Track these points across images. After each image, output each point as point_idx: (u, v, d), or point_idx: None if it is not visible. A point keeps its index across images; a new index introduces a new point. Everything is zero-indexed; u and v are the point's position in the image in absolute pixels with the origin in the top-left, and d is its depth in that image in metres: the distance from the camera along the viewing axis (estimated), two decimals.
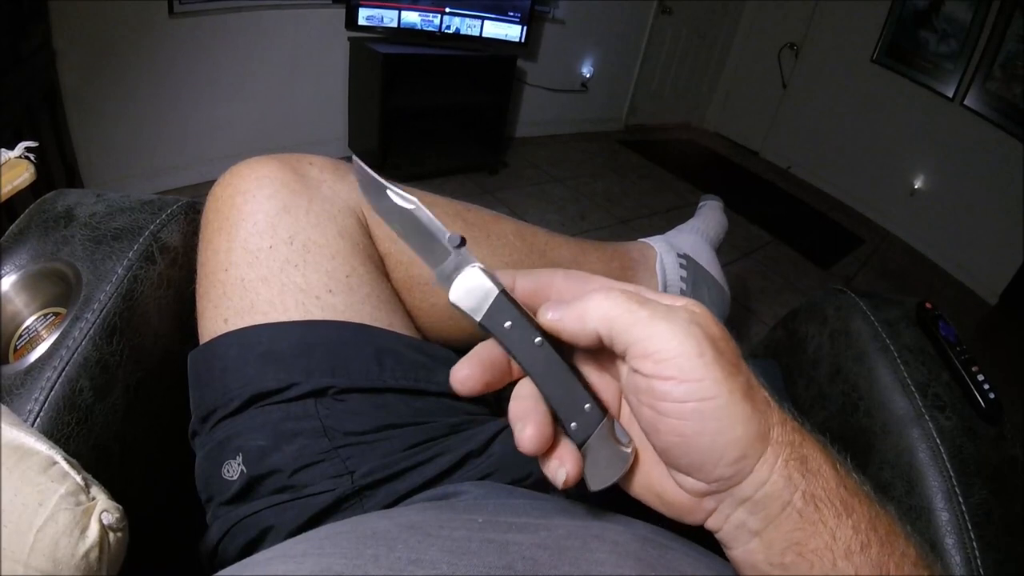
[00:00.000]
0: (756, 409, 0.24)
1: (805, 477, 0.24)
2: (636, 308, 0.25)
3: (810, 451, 0.25)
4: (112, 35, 1.70)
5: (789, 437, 0.25)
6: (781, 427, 0.25)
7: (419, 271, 0.53)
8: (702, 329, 0.25)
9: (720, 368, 0.24)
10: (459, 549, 0.27)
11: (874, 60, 2.99)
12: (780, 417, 0.25)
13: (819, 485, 0.24)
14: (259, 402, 0.42)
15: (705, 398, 0.24)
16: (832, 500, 0.24)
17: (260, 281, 0.43)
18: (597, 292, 0.26)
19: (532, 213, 2.35)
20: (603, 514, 0.34)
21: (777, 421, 0.25)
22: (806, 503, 0.24)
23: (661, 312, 0.25)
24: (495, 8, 2.41)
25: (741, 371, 0.25)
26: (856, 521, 0.24)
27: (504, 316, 0.27)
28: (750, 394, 0.25)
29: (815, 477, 0.24)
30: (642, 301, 0.26)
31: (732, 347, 0.26)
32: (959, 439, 0.53)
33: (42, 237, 0.48)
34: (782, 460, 0.24)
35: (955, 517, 0.49)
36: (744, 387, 0.25)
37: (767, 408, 0.25)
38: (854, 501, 0.24)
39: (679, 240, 0.83)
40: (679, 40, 3.56)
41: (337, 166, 0.51)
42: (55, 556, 0.25)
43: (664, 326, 0.24)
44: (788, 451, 0.25)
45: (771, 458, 0.24)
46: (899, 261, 2.78)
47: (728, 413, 0.24)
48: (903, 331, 0.61)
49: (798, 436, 0.25)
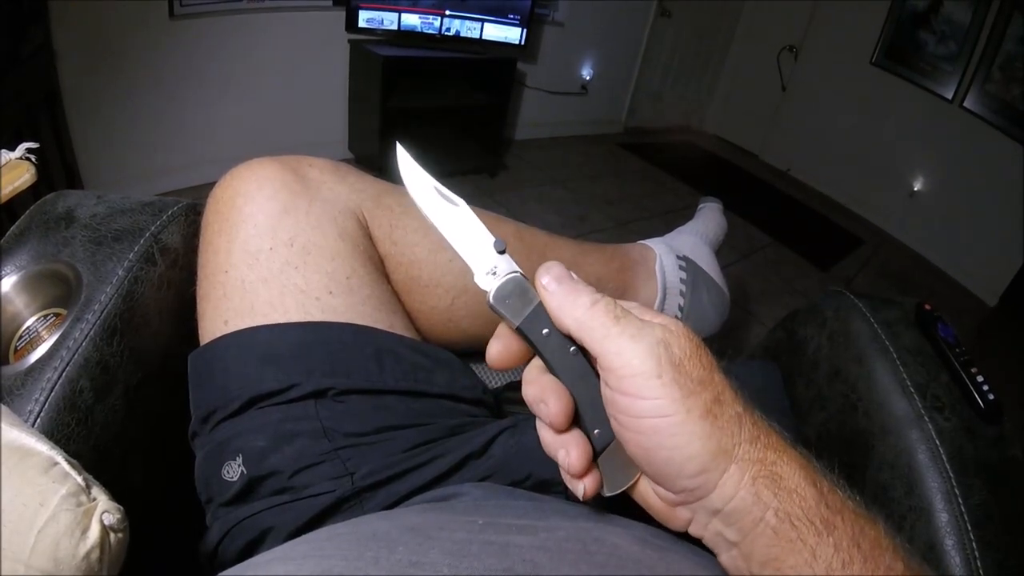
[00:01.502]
0: (718, 426, 0.25)
1: (777, 495, 0.24)
2: (610, 323, 0.26)
3: (787, 468, 0.25)
4: (112, 36, 1.71)
5: (759, 454, 0.25)
6: (751, 444, 0.25)
7: (419, 273, 0.53)
8: (667, 349, 0.25)
9: (679, 387, 0.25)
10: (459, 551, 0.27)
11: (873, 62, 3.00)
12: (753, 433, 0.25)
13: (795, 503, 0.24)
14: (259, 403, 0.42)
15: (661, 416, 0.25)
16: (811, 519, 0.24)
17: (260, 282, 0.43)
18: (583, 294, 0.27)
19: (532, 215, 2.35)
20: (602, 516, 0.34)
21: (747, 438, 0.25)
22: (780, 521, 0.24)
23: (631, 329, 0.26)
24: (495, 10, 2.41)
25: (708, 388, 0.25)
26: (838, 539, 0.24)
27: (542, 324, 0.29)
28: (714, 411, 0.25)
29: (790, 495, 0.24)
30: (618, 316, 0.27)
31: (704, 363, 0.26)
32: (958, 440, 0.53)
33: (43, 238, 0.48)
34: (749, 477, 0.25)
35: (954, 518, 0.49)
36: (706, 405, 0.25)
37: (736, 424, 0.25)
38: (836, 519, 0.24)
39: (679, 242, 0.83)
40: (678, 42, 3.56)
41: (337, 168, 0.51)
42: (56, 556, 0.25)
43: (628, 344, 0.25)
44: (757, 468, 0.25)
45: (736, 475, 0.25)
46: (898, 263, 2.78)
47: (685, 430, 0.24)
48: (902, 332, 0.61)
49: (773, 453, 0.25)
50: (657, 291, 0.76)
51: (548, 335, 0.29)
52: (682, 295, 0.77)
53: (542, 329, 0.29)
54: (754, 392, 0.28)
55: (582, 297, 0.27)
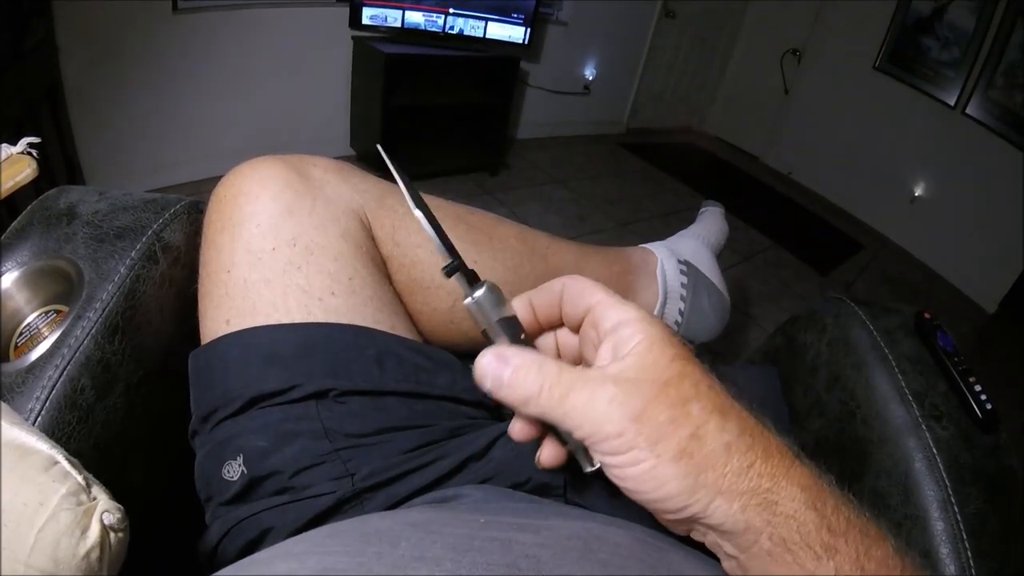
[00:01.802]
0: (694, 464, 0.24)
1: (771, 522, 0.24)
2: (556, 405, 0.26)
3: (785, 493, 0.24)
4: (115, 31, 1.70)
5: (750, 484, 0.24)
6: (739, 475, 0.24)
7: (421, 274, 0.53)
8: (623, 406, 0.25)
9: (644, 438, 0.24)
10: (462, 546, 0.27)
11: (876, 67, 3.00)
12: (744, 462, 0.25)
13: (792, 529, 0.24)
14: (260, 403, 0.42)
15: (631, 465, 0.25)
16: (809, 544, 0.24)
17: (262, 282, 0.43)
18: (525, 388, 0.27)
19: (532, 214, 2.35)
20: (604, 517, 0.34)
21: (735, 469, 0.24)
22: (775, 545, 0.24)
23: (582, 398, 0.26)
24: (499, 9, 2.41)
25: (682, 426, 0.25)
26: (839, 563, 0.24)
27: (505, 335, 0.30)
28: (689, 449, 0.24)
29: (787, 521, 0.24)
30: (563, 395, 0.26)
31: (674, 400, 0.25)
32: (955, 449, 0.53)
33: (44, 234, 0.48)
34: (738, 507, 0.24)
35: (950, 526, 0.49)
36: (679, 445, 0.24)
37: (721, 457, 0.25)
38: (839, 542, 0.24)
39: (680, 246, 0.83)
40: (682, 44, 3.56)
41: (341, 167, 0.51)
42: (56, 556, 0.25)
43: (581, 416, 0.26)
44: (747, 498, 0.24)
45: (723, 505, 0.24)
46: (898, 268, 2.78)
47: (658, 475, 0.24)
48: (902, 340, 0.61)
49: (768, 480, 0.25)
50: (658, 295, 0.76)
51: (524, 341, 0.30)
52: (683, 299, 0.77)
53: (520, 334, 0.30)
54: (753, 397, 0.28)
55: (527, 393, 0.27)
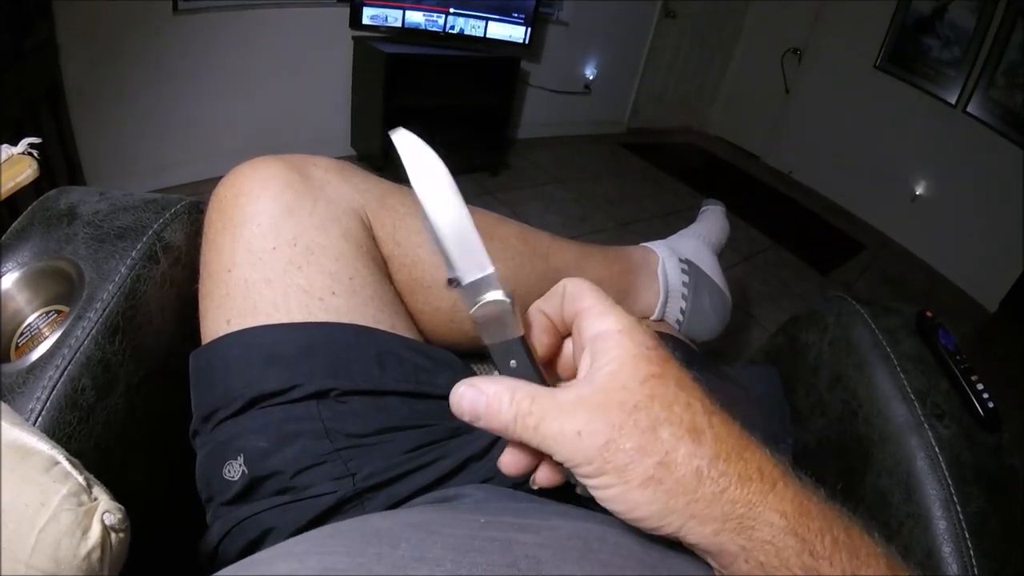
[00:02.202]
0: (663, 490, 0.24)
1: (746, 547, 0.24)
2: (529, 436, 0.26)
3: (762, 520, 0.24)
4: (116, 32, 1.70)
5: (723, 510, 0.24)
6: (710, 501, 0.24)
7: (422, 274, 0.53)
8: (589, 437, 0.25)
9: (612, 465, 0.25)
10: (463, 547, 0.27)
11: (877, 66, 2.99)
12: (717, 488, 0.24)
13: (771, 554, 0.24)
14: (261, 403, 0.42)
15: (603, 488, 0.25)
16: (789, 567, 0.24)
17: (263, 282, 0.43)
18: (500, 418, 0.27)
19: (533, 214, 2.35)
20: (605, 517, 0.34)
21: (706, 495, 0.24)
22: (752, 567, 0.24)
23: (552, 430, 0.26)
24: (499, 9, 2.41)
25: (649, 454, 0.24)
26: None
27: (512, 356, 0.29)
28: (657, 476, 0.24)
29: (764, 546, 0.24)
30: (535, 425, 0.26)
31: (643, 426, 0.25)
32: (957, 448, 0.53)
33: (45, 235, 0.48)
34: (711, 530, 0.24)
35: (952, 525, 0.49)
36: (646, 473, 0.24)
37: (691, 482, 0.24)
38: (822, 565, 0.24)
39: (681, 245, 0.83)
40: (682, 43, 3.56)
41: (341, 167, 0.51)
42: (57, 556, 0.25)
43: (554, 445, 0.26)
44: (719, 524, 0.24)
45: (696, 528, 0.25)
46: (899, 267, 2.78)
47: (627, 499, 0.25)
48: (903, 339, 0.61)
49: (742, 507, 0.24)
50: (659, 294, 0.76)
51: (516, 368, 0.29)
52: (684, 298, 0.77)
53: (510, 361, 0.29)
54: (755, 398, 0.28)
55: (503, 422, 0.27)
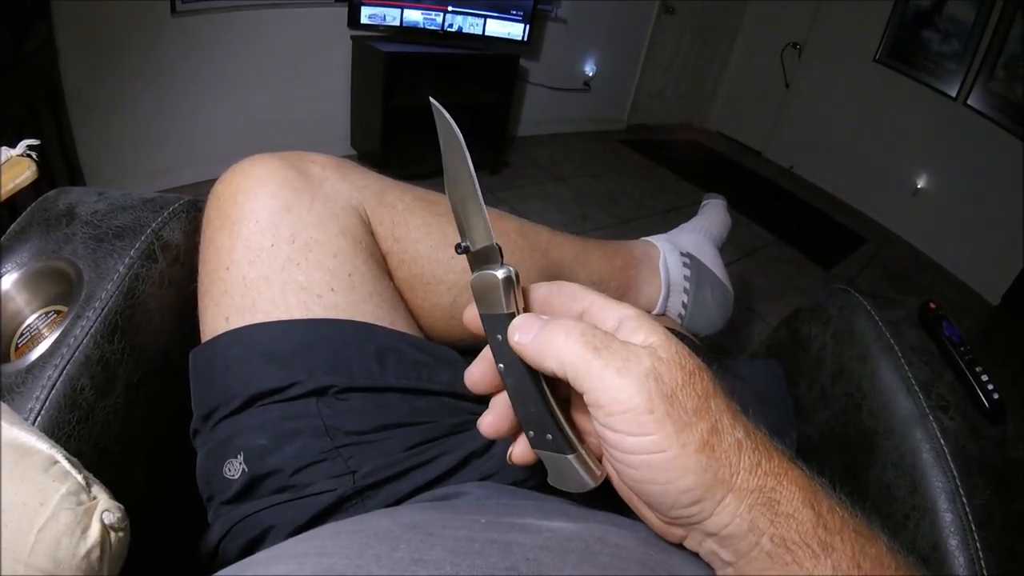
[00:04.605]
0: (715, 458, 0.24)
1: (774, 522, 0.24)
2: (591, 356, 0.25)
3: (785, 493, 0.24)
4: (114, 33, 1.70)
5: (759, 482, 0.24)
6: (750, 472, 0.24)
7: (421, 270, 0.53)
8: (658, 381, 0.24)
9: (672, 422, 0.24)
10: (462, 549, 0.27)
11: (877, 60, 2.99)
12: (753, 460, 0.25)
13: (792, 528, 0.24)
14: (260, 401, 0.42)
15: (654, 452, 0.24)
16: (807, 542, 0.24)
17: (262, 280, 0.43)
18: (558, 331, 0.26)
19: (533, 212, 2.35)
20: (606, 517, 0.34)
21: (747, 466, 0.24)
22: (775, 546, 0.24)
23: (617, 362, 0.25)
24: (498, 7, 2.40)
25: (705, 417, 0.24)
26: (836, 560, 0.24)
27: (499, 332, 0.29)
28: (711, 442, 0.24)
29: (787, 520, 0.24)
30: (599, 347, 0.25)
31: (699, 391, 0.25)
32: (963, 440, 0.53)
33: (44, 235, 0.48)
34: (746, 506, 0.24)
35: (958, 518, 0.49)
36: (702, 437, 0.24)
37: (735, 453, 0.24)
38: (835, 540, 0.24)
39: (682, 239, 0.83)
40: (682, 39, 3.55)
41: (340, 164, 0.51)
42: (56, 556, 0.24)
43: (615, 380, 0.24)
44: (754, 497, 0.24)
45: (732, 504, 0.24)
46: (901, 261, 2.77)
47: (678, 465, 0.24)
48: (907, 331, 0.61)
49: (772, 479, 0.25)
50: (661, 288, 0.76)
51: (502, 341, 0.29)
52: (686, 292, 0.77)
53: (496, 335, 0.29)
54: (758, 392, 0.28)
55: (556, 334, 0.26)
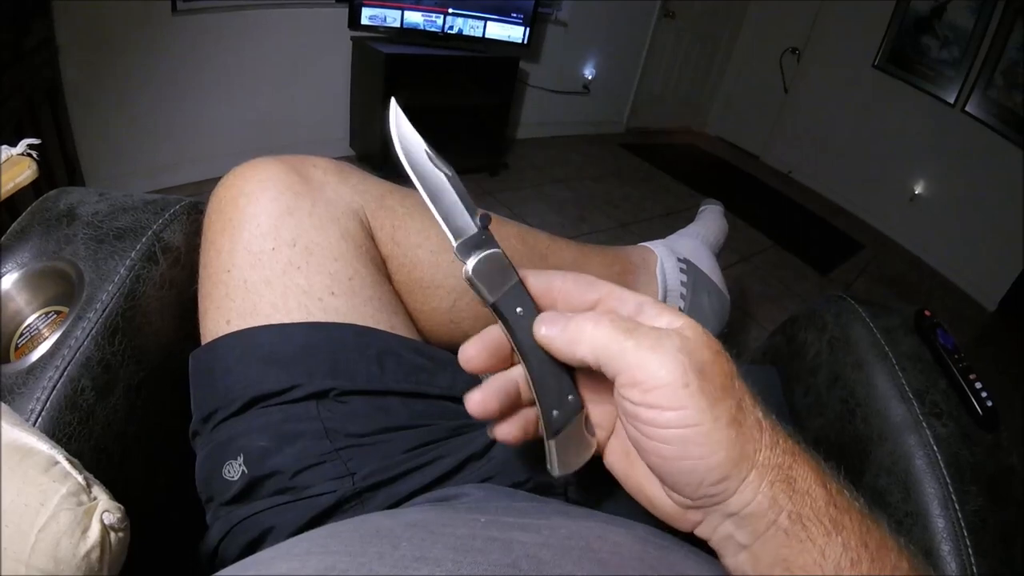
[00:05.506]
0: (742, 433, 0.25)
1: (792, 498, 0.25)
2: (623, 338, 0.26)
3: (800, 471, 0.25)
4: (115, 32, 1.70)
5: (778, 459, 0.25)
6: (770, 449, 0.25)
7: (421, 274, 0.53)
8: (690, 356, 0.25)
9: (705, 396, 0.25)
10: (464, 547, 0.27)
11: (876, 66, 3.00)
12: (772, 439, 0.26)
13: (807, 505, 0.25)
14: (260, 403, 0.42)
15: (689, 425, 0.25)
16: (820, 519, 0.24)
17: (263, 283, 0.43)
18: (586, 320, 0.27)
19: (532, 214, 2.35)
20: (605, 516, 0.34)
21: (767, 443, 0.25)
22: (792, 522, 0.25)
23: (649, 341, 0.26)
24: (498, 9, 2.41)
25: (731, 394, 0.26)
26: (846, 538, 0.24)
27: (517, 302, 0.29)
28: (738, 418, 0.25)
29: (803, 497, 0.25)
30: (630, 329, 0.26)
31: (725, 369, 0.26)
32: (956, 446, 0.53)
33: (44, 235, 0.48)
34: (767, 482, 0.25)
35: (951, 524, 0.49)
36: (731, 412, 0.25)
37: (757, 431, 0.26)
38: (844, 518, 0.25)
39: (680, 245, 0.83)
40: (681, 44, 3.56)
41: (340, 168, 0.51)
42: (56, 556, 0.25)
43: (650, 356, 0.25)
44: (775, 473, 0.25)
45: (755, 480, 0.25)
46: (898, 267, 2.78)
47: (711, 439, 0.25)
48: (902, 338, 0.61)
49: (788, 458, 0.26)
50: (657, 294, 0.76)
51: (522, 315, 0.29)
52: (683, 298, 0.77)
53: (516, 308, 0.29)
54: None
55: (585, 323, 0.27)
